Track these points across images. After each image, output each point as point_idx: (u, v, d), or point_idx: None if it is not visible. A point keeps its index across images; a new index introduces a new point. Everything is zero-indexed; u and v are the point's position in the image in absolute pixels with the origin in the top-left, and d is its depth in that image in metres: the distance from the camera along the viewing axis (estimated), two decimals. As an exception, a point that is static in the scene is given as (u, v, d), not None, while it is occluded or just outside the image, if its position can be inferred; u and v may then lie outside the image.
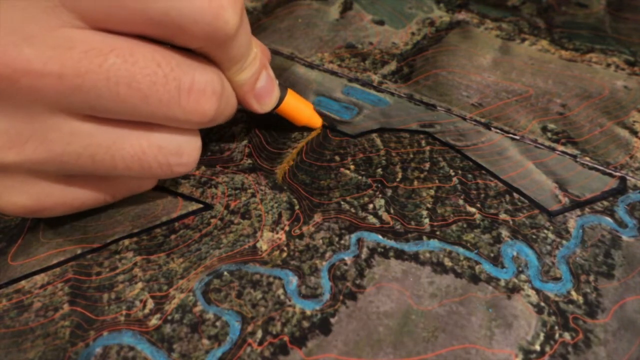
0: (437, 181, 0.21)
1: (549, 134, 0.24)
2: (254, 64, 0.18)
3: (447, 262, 0.19)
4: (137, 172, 0.17)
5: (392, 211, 0.20)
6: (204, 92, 0.16)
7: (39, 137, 0.15)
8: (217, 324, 0.17)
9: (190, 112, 0.16)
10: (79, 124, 0.15)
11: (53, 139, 0.15)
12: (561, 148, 0.23)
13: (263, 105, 0.20)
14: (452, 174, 0.22)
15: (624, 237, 0.20)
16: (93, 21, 0.14)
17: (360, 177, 0.21)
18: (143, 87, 0.15)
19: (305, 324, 0.17)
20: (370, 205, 0.20)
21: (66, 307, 0.17)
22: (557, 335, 0.17)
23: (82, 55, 0.14)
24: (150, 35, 0.15)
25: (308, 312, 0.17)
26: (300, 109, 0.22)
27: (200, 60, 0.16)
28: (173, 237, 0.19)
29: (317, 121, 0.23)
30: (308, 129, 0.24)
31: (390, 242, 0.19)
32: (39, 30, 0.13)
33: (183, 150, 0.17)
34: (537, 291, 0.18)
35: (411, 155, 0.23)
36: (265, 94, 0.20)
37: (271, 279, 0.18)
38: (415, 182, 0.21)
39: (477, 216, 0.20)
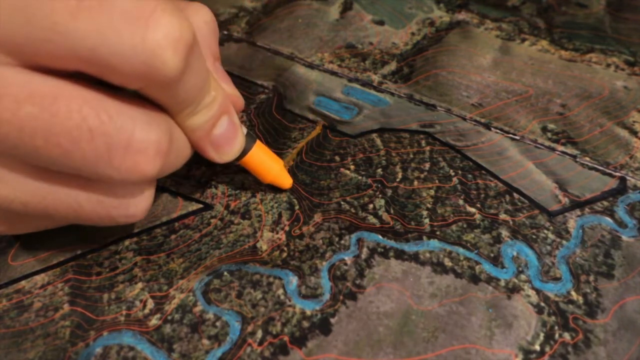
0: (437, 181, 0.21)
1: (549, 134, 0.24)
2: (211, 107, 0.16)
3: (447, 262, 0.19)
4: (74, 221, 0.15)
5: (392, 211, 0.20)
6: (144, 152, 0.14)
7: None
8: (217, 324, 0.17)
9: (126, 172, 0.14)
10: (8, 172, 0.14)
11: None
12: (561, 148, 0.23)
13: (222, 154, 0.18)
14: (452, 174, 0.22)
15: (624, 237, 0.20)
16: (20, 56, 0.12)
17: (360, 177, 0.22)
18: (62, 142, 0.13)
19: (305, 324, 0.17)
20: (370, 205, 0.20)
21: (66, 307, 0.17)
22: (557, 335, 0.17)
23: None
24: (86, 73, 0.13)
25: (308, 312, 0.17)
26: (267, 166, 0.20)
27: (147, 109, 0.14)
28: (173, 237, 0.19)
29: (285, 182, 0.20)
30: (308, 130, 0.24)
31: (390, 242, 0.19)
32: None
33: (128, 203, 0.15)
34: (537, 291, 0.18)
35: (411, 155, 0.23)
36: (224, 142, 0.17)
37: (271, 279, 0.18)
38: (415, 182, 0.21)
39: (477, 216, 0.20)
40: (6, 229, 0.16)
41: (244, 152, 0.19)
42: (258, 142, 0.19)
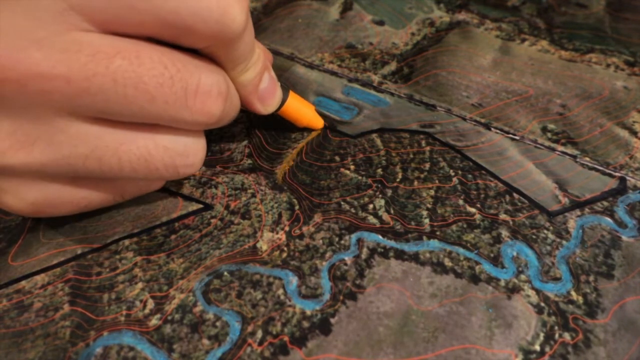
0: (437, 181, 0.21)
1: (549, 134, 0.24)
2: (257, 64, 0.19)
3: (447, 263, 0.19)
4: (143, 173, 0.17)
5: (392, 211, 0.20)
6: (210, 94, 0.16)
7: (46, 139, 0.15)
8: (217, 324, 0.17)
9: (197, 113, 0.16)
10: (86, 126, 0.15)
11: (60, 141, 0.15)
12: (561, 148, 0.23)
13: (266, 106, 0.20)
14: (452, 174, 0.22)
15: (624, 238, 0.20)
16: (102, 24, 0.14)
17: (360, 177, 0.22)
18: (150, 88, 0.15)
19: (305, 324, 0.17)
20: (370, 206, 0.20)
21: (66, 307, 0.17)
22: (557, 336, 0.17)
23: (89, 58, 0.14)
24: (158, 37, 0.15)
25: (308, 312, 0.17)
26: (302, 111, 0.23)
27: (205, 61, 0.16)
28: (173, 237, 0.19)
29: (318, 122, 0.23)
30: (309, 130, 0.24)
31: (390, 242, 0.19)
32: (47, 34, 0.13)
33: (189, 151, 0.17)
34: (537, 291, 0.18)
35: (411, 156, 0.23)
36: (268, 95, 0.20)
37: (271, 279, 0.18)
38: (415, 183, 0.21)
39: (477, 216, 0.20)
40: (60, 204, 0.17)
41: (282, 103, 0.21)
42: (291, 91, 0.22)
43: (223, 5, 0.15)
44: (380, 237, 0.19)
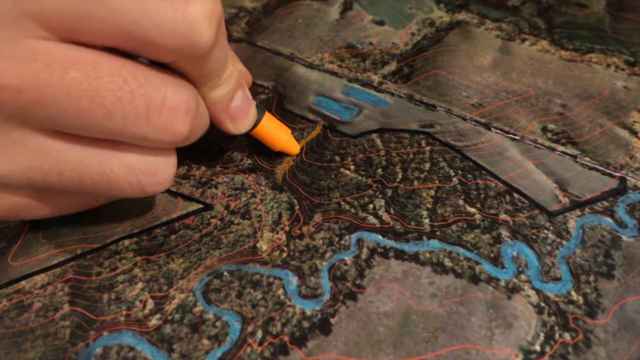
0: (437, 181, 0.21)
1: (549, 134, 0.24)
2: (229, 81, 0.18)
3: (447, 263, 0.19)
4: (106, 190, 0.16)
5: (392, 211, 0.20)
6: (177, 111, 0.15)
7: (2, 150, 0.14)
8: (217, 324, 0.17)
9: (161, 131, 0.15)
10: (45, 140, 0.14)
11: (17, 153, 0.14)
12: (561, 148, 0.23)
13: (238, 126, 0.19)
14: (452, 174, 0.22)
15: (624, 238, 0.20)
16: (59, 32, 0.13)
17: (360, 178, 0.22)
18: (107, 102, 0.14)
19: (305, 324, 0.17)
20: (370, 206, 0.20)
21: (66, 307, 0.17)
22: (557, 336, 0.17)
23: (42, 67, 0.13)
24: (120, 48, 0.14)
25: (308, 312, 0.17)
26: (277, 134, 0.21)
27: (175, 76, 0.16)
28: (173, 237, 0.19)
29: (294, 148, 0.22)
30: (308, 130, 0.24)
31: (390, 242, 0.19)
32: None
33: (156, 170, 0.16)
34: (537, 291, 0.18)
35: (411, 156, 0.23)
36: (240, 114, 0.19)
37: (271, 279, 0.18)
38: (415, 183, 0.21)
39: (477, 216, 0.20)
40: (34, 210, 0.17)
41: (256, 123, 0.20)
42: (267, 113, 0.21)
43: (189, 19, 0.14)
44: (380, 237, 0.19)
